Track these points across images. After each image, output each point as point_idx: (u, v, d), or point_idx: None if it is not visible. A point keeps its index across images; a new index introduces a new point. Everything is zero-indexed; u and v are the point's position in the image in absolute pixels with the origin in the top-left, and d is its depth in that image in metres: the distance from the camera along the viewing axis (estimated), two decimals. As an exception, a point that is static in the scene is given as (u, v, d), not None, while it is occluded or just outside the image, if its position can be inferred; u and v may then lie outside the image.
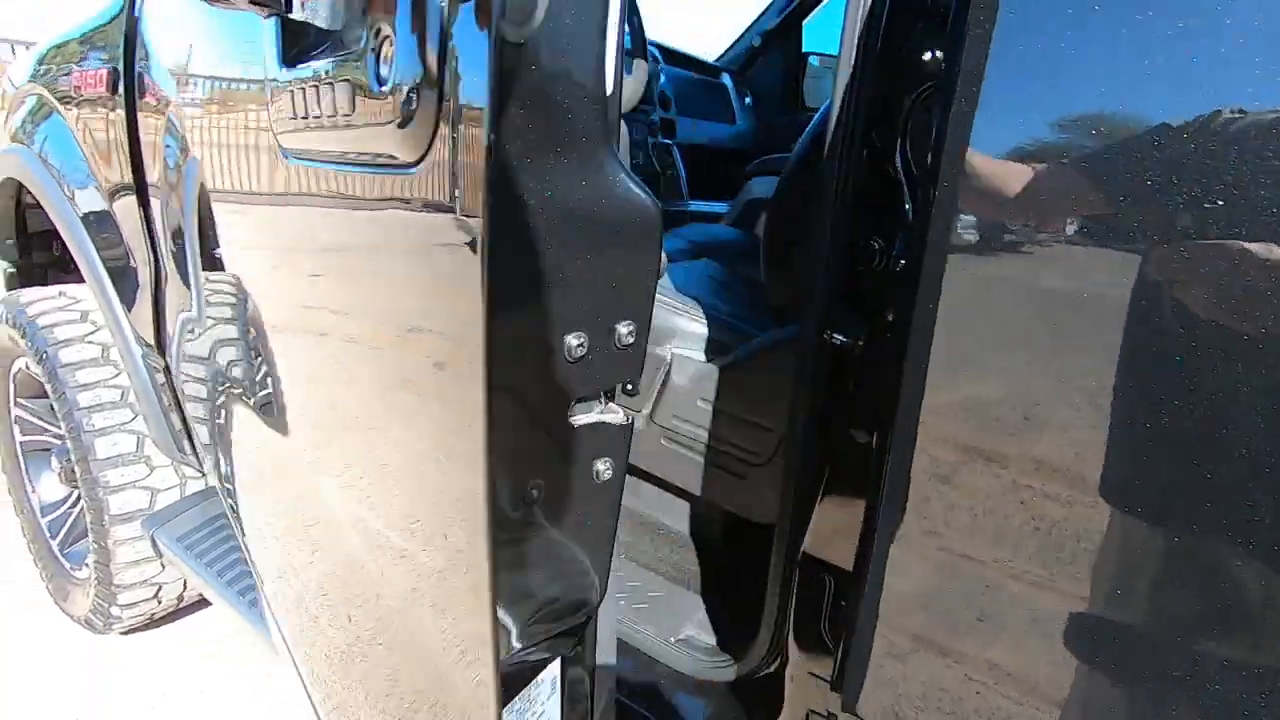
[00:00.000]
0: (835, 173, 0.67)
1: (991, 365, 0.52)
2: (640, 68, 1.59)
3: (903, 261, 0.59)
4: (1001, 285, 0.50)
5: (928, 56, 0.58)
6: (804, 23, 2.68)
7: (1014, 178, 0.48)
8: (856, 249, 0.69)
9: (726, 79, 2.72)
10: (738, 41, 2.79)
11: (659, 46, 2.32)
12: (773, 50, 2.73)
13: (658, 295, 1.15)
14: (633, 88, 1.56)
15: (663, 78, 2.25)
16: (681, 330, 1.08)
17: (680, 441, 1.06)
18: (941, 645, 0.58)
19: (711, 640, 0.97)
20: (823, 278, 0.70)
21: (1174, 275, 0.44)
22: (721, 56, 2.84)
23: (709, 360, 1.04)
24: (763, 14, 2.70)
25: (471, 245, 0.48)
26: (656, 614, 1.02)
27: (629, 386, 0.65)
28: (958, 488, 0.55)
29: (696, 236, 1.63)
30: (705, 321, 1.08)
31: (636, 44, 1.60)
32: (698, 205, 1.99)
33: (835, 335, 0.66)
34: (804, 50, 2.75)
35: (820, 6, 2.62)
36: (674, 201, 2.01)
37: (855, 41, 0.64)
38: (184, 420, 1.28)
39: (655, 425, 1.09)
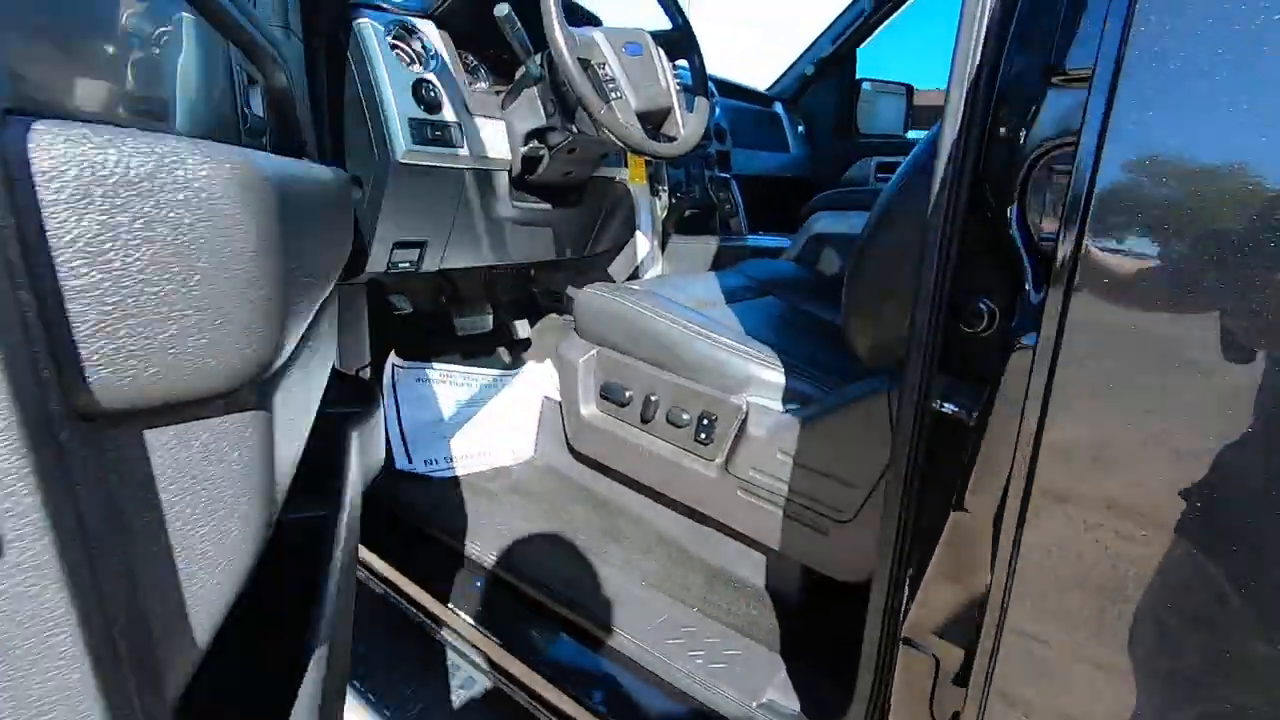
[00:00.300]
0: (941, 228, 0.64)
1: (1124, 447, 0.48)
2: (702, 106, 1.58)
3: (1027, 333, 0.55)
4: (1136, 361, 0.46)
5: (1046, 132, 0.55)
6: (858, 49, 2.66)
7: (1157, 250, 0.45)
8: (960, 309, 0.66)
9: (779, 108, 2.71)
10: (789, 70, 2.78)
11: (713, 79, 2.32)
12: (826, 78, 2.71)
13: (730, 341, 1.13)
14: (695, 125, 1.56)
15: (717, 110, 2.25)
16: (756, 378, 1.05)
17: (757, 494, 1.03)
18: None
19: (796, 706, 0.93)
20: (924, 338, 0.66)
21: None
22: (773, 86, 2.83)
23: (787, 410, 1.01)
24: (815, 43, 2.69)
25: None
26: (735, 675, 0.98)
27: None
28: (1081, 569, 0.51)
29: (759, 273, 1.60)
30: (782, 369, 1.05)
31: (698, 81, 1.59)
32: (756, 240, 1.97)
33: (945, 404, 0.62)
34: (857, 77, 2.72)
35: (875, 33, 2.59)
36: (733, 236, 1.99)
37: (963, 99, 0.61)
38: None
39: (731, 476, 1.06)
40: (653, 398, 1.15)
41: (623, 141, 1.39)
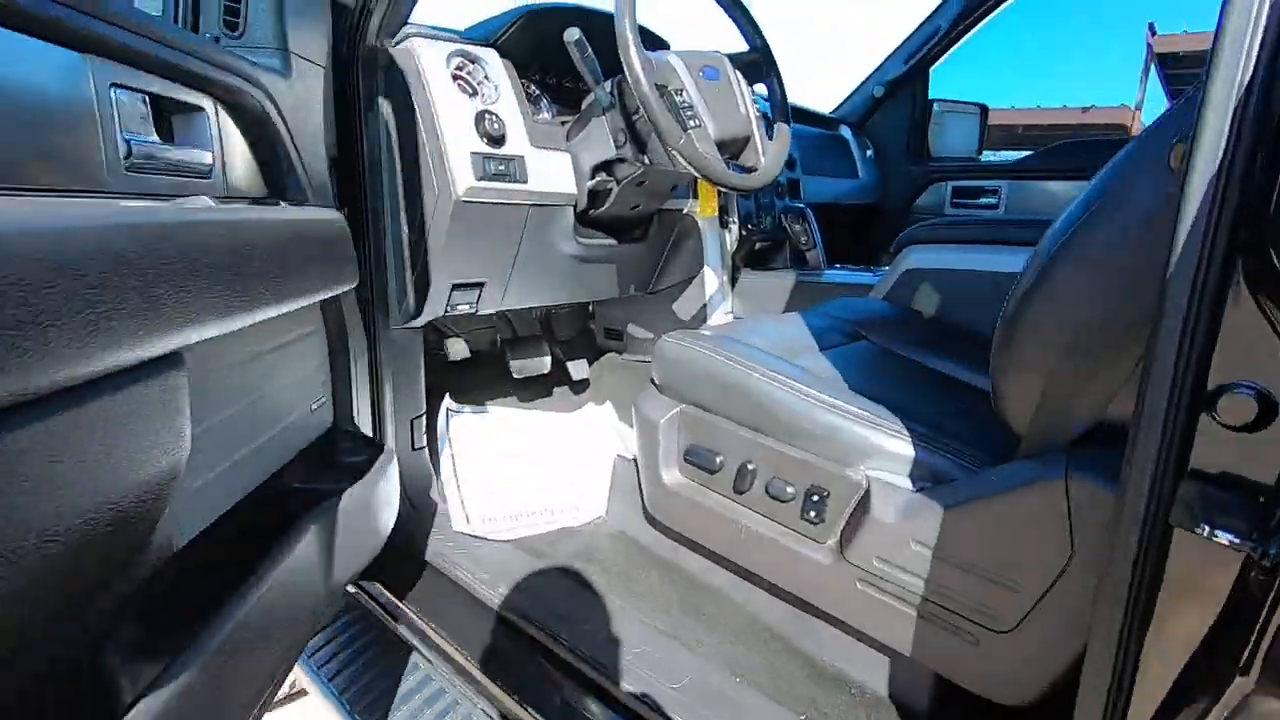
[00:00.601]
0: (1190, 290, 0.49)
1: None
2: (783, 133, 1.45)
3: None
4: None
5: None
6: (931, 69, 2.51)
7: None
8: (1207, 395, 0.50)
9: (846, 131, 2.56)
10: (856, 92, 2.64)
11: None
12: (897, 99, 2.56)
13: (840, 402, 0.97)
14: (776, 155, 1.42)
15: (786, 136, 2.12)
16: (876, 448, 0.90)
17: (882, 588, 0.87)
18: None
19: None
20: (1163, 431, 0.51)
21: None
22: (838, 108, 2.69)
23: (919, 489, 0.85)
24: (884, 63, 2.55)
25: None
26: (861, 809, 0.81)
27: None
28: None
29: (846, 314, 1.45)
30: (907, 437, 0.89)
31: (778, 107, 1.46)
32: (835, 275, 1.81)
33: (1217, 530, 0.46)
34: (930, 97, 2.57)
35: (950, 51, 2.44)
36: (809, 271, 1.84)
37: (1229, 123, 0.46)
38: None
39: (847, 564, 0.90)
40: (749, 466, 1.00)
41: (702, 174, 1.26)
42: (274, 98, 0.86)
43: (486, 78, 1.33)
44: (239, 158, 0.86)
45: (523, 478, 1.61)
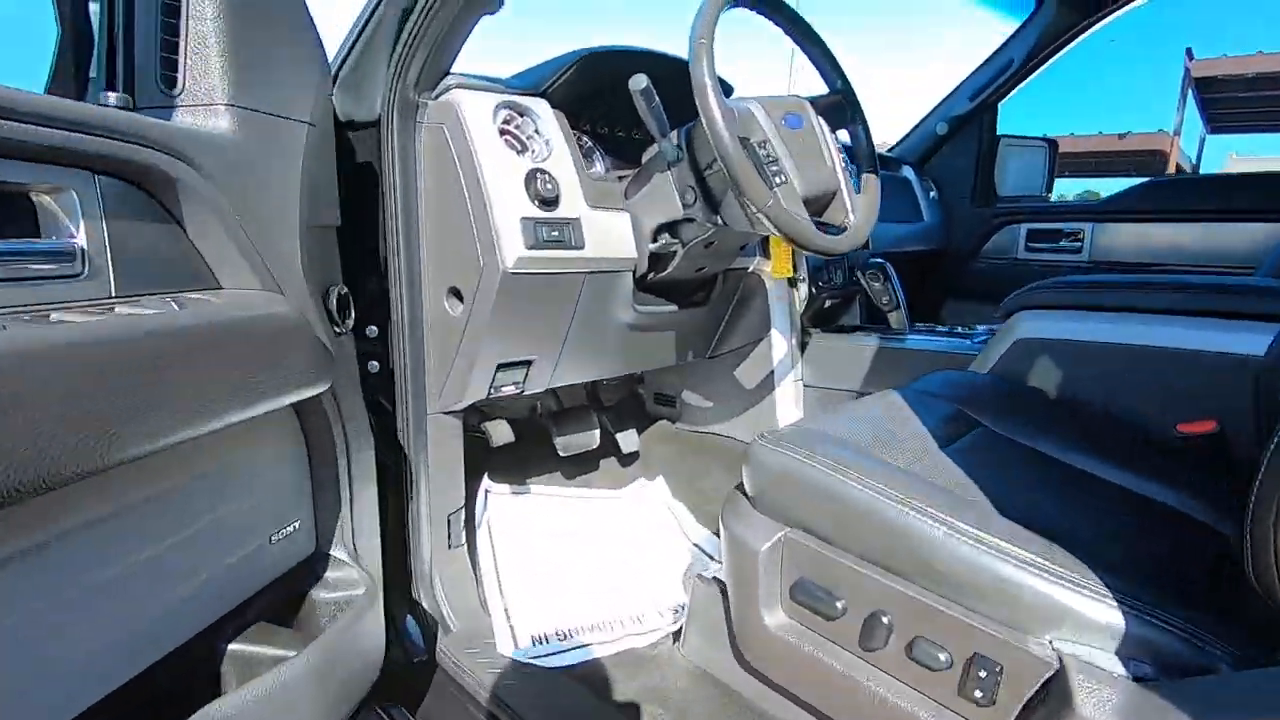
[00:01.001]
0: None
1: None
2: (872, 186, 1.27)
3: None
4: None
5: None
6: (1000, 104, 2.33)
7: None
8: None
9: (908, 171, 2.38)
10: (916, 128, 2.47)
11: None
12: (962, 137, 2.38)
13: (995, 538, 0.73)
14: (867, 210, 1.24)
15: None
16: (1067, 611, 0.68)
17: (1089, 807, 0.65)
18: None
19: None
20: None
21: None
22: (896, 146, 2.52)
23: (1141, 679, 0.64)
24: (947, 99, 2.38)
25: None
26: None
27: None
28: None
29: (946, 391, 1.24)
30: (1108, 595, 0.67)
31: (865, 155, 1.28)
32: (921, 340, 1.60)
33: None
34: (998, 134, 2.38)
35: (1023, 85, 2.26)
36: (889, 334, 1.64)
37: None
38: None
39: (1034, 767, 0.68)
40: (883, 618, 0.79)
41: (791, 239, 1.08)
42: (199, 165, 0.70)
43: (537, 131, 1.16)
44: (146, 242, 0.69)
45: (573, 574, 1.41)
